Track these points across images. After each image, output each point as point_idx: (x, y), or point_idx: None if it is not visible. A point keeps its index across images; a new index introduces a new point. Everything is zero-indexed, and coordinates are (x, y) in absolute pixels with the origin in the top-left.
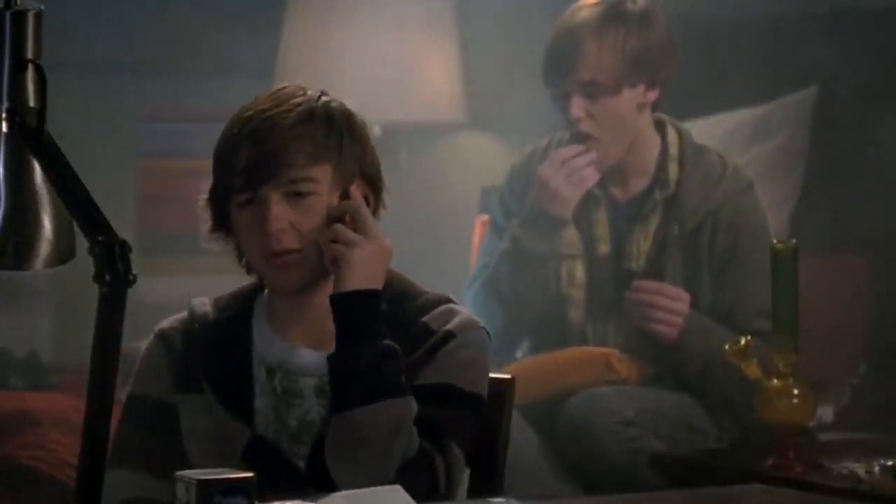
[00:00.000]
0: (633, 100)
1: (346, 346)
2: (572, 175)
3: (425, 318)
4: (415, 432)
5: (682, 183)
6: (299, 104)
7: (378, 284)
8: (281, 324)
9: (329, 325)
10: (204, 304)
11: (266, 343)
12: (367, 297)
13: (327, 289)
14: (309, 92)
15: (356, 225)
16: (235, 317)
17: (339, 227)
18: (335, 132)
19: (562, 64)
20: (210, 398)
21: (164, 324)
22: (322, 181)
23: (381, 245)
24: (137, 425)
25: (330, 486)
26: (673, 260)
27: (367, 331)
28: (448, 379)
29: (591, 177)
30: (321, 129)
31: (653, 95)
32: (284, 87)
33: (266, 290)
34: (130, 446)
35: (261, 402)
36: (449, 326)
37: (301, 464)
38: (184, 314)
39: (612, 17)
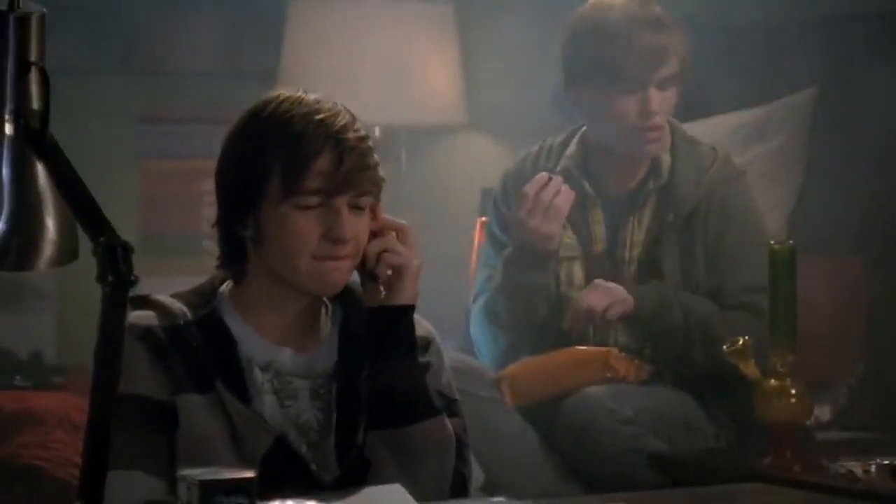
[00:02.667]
0: (673, 95)
1: (395, 358)
2: (546, 210)
3: None
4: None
5: (674, 172)
6: (354, 121)
7: (415, 300)
8: (263, 325)
9: (309, 332)
10: (174, 301)
11: (249, 342)
12: (411, 312)
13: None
14: (335, 102)
15: (405, 240)
16: (211, 315)
17: (394, 239)
18: (376, 157)
19: (646, 56)
20: (227, 397)
21: (137, 321)
22: (371, 198)
23: (420, 263)
24: (135, 426)
25: None
26: (670, 247)
27: (413, 346)
28: (437, 386)
29: (565, 202)
30: (375, 152)
31: (676, 97)
32: (316, 99)
33: (226, 290)
34: (130, 447)
35: (260, 402)
36: (421, 333)
37: (314, 467)
38: (146, 313)
39: (653, 17)
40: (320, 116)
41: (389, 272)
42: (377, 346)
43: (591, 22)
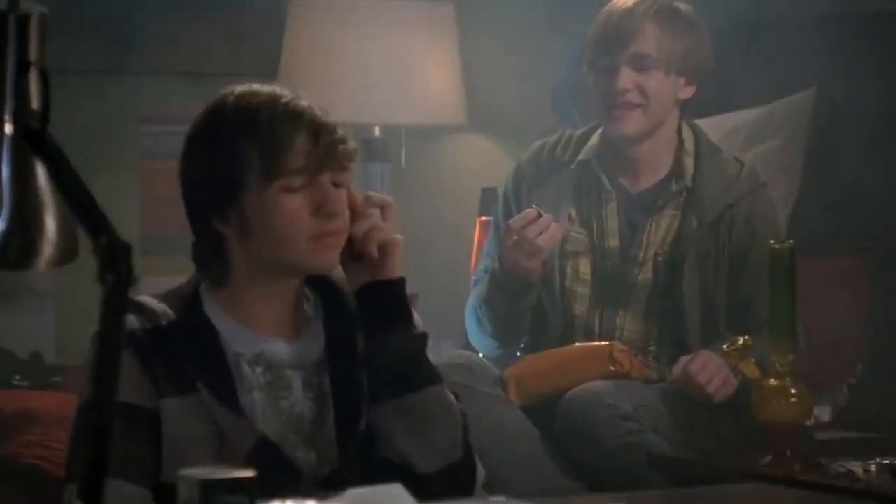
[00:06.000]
0: (674, 87)
1: (395, 329)
2: (527, 246)
3: None
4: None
5: (698, 177)
6: (310, 103)
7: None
8: (249, 319)
9: (294, 321)
10: (154, 302)
11: (236, 337)
12: (404, 285)
13: (296, 280)
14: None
15: (387, 216)
16: (195, 315)
17: (379, 215)
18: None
19: (616, 38)
20: (206, 398)
21: None
22: (347, 176)
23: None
24: (120, 433)
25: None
26: (690, 253)
27: (409, 317)
28: None
29: (549, 241)
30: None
31: (689, 92)
32: (272, 89)
33: (206, 288)
34: (115, 456)
35: (251, 399)
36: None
37: (301, 462)
38: (128, 315)
39: (669, 8)
40: (284, 100)
41: (377, 249)
42: (373, 321)
43: (608, 6)
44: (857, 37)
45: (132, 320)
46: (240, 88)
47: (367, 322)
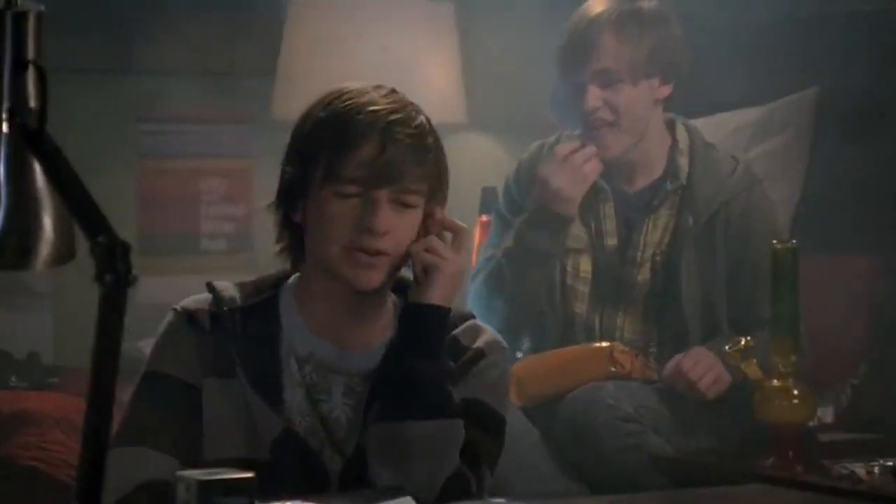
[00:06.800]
0: (648, 91)
1: (413, 356)
2: (573, 173)
3: (455, 333)
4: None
5: (693, 175)
6: (414, 117)
7: (451, 305)
8: (312, 318)
9: (360, 330)
10: (229, 288)
11: (295, 334)
12: (443, 315)
13: (372, 295)
14: (406, 97)
15: (456, 244)
16: (263, 304)
17: (437, 239)
18: (439, 157)
19: (579, 54)
20: (243, 383)
21: (189, 304)
22: (422, 197)
23: (463, 270)
24: (157, 404)
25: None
26: (687, 251)
27: (437, 347)
28: (480, 396)
29: (593, 171)
30: (432, 151)
31: (666, 90)
32: (392, 89)
33: (293, 281)
34: (148, 424)
35: (293, 394)
36: (479, 344)
37: (325, 460)
38: (206, 296)
39: (629, 11)
40: (374, 108)
41: (421, 271)
42: (400, 341)
43: (572, 16)
44: (860, 35)
45: (203, 301)
46: (354, 85)
47: (396, 341)
